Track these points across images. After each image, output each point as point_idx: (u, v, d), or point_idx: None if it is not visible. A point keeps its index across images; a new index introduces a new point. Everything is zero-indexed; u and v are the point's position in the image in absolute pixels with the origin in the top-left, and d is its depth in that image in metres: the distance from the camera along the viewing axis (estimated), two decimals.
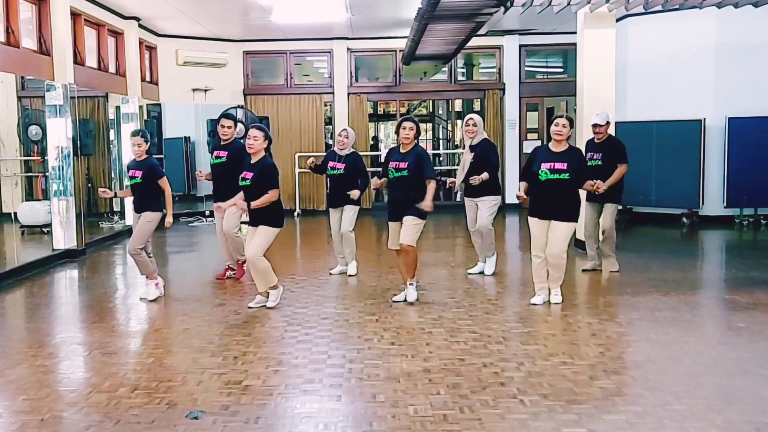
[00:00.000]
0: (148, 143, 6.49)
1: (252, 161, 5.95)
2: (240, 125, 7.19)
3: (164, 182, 6.46)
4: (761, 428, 3.49)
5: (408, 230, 6.02)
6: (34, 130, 10.53)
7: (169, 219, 6.51)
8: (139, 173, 6.40)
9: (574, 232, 6.23)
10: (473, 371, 4.35)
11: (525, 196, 6.00)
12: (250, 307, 6.04)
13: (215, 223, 7.54)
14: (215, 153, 7.17)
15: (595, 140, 7.20)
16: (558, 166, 5.73)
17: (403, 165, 6.05)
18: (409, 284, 6.19)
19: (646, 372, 4.37)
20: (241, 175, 5.95)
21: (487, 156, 6.96)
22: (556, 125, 5.82)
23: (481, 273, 7.30)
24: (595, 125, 7.16)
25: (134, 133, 6.60)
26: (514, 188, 13.72)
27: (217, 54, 13.60)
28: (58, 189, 8.93)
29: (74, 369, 4.72)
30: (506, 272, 7.59)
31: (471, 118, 7.12)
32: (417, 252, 6.22)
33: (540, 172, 5.77)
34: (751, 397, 3.90)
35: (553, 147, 5.85)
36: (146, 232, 6.41)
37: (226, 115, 7.67)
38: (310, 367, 4.54)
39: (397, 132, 6.19)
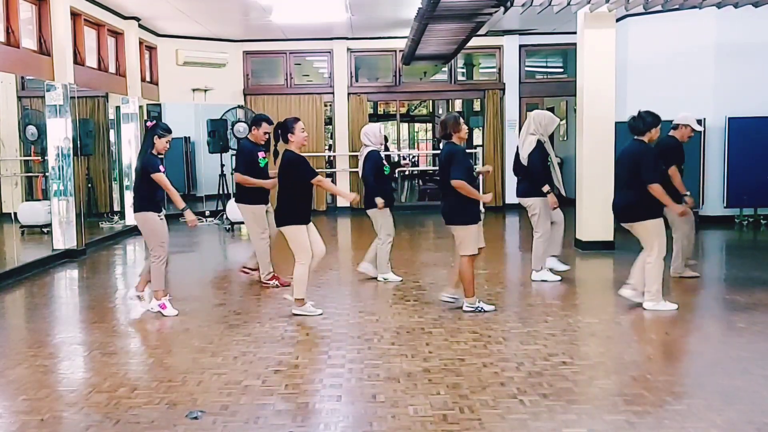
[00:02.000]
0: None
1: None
2: (243, 125, 7.12)
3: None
4: (761, 428, 3.49)
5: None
6: (30, 131, 10.52)
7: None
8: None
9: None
10: (473, 371, 4.35)
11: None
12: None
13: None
14: (261, 154, 7.00)
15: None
16: None
17: None
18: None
19: (646, 372, 4.37)
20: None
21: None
22: None
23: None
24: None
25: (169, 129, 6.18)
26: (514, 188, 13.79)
27: (217, 54, 13.59)
28: (58, 189, 8.92)
29: (74, 369, 4.72)
30: (506, 272, 7.59)
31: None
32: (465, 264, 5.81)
33: None
34: (751, 397, 3.89)
35: None
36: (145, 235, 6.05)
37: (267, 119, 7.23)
38: (310, 367, 4.54)
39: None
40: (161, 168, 5.92)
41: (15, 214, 10.05)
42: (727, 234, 10.36)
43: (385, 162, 7.00)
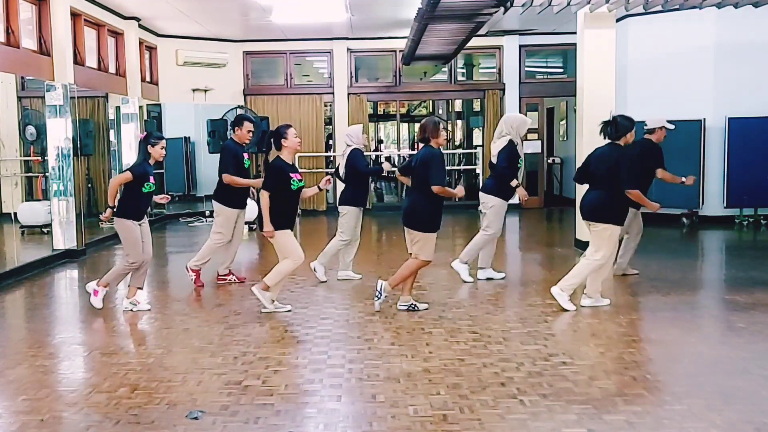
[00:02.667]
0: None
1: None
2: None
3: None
4: (761, 428, 3.49)
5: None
6: (29, 131, 10.53)
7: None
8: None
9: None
10: (473, 371, 4.35)
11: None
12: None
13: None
14: (245, 155, 7.05)
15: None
16: None
17: None
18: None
19: (646, 372, 4.37)
20: (298, 178, 5.83)
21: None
22: None
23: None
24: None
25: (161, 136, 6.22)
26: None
27: (217, 54, 13.60)
28: (58, 189, 8.92)
29: (74, 369, 4.72)
30: (506, 272, 7.58)
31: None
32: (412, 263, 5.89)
33: None
34: (751, 397, 3.90)
35: None
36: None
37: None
38: (310, 367, 4.54)
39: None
40: (151, 179, 5.99)
41: (15, 214, 10.06)
42: (727, 234, 10.36)
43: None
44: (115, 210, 5.94)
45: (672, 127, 7.00)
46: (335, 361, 4.63)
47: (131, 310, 6.09)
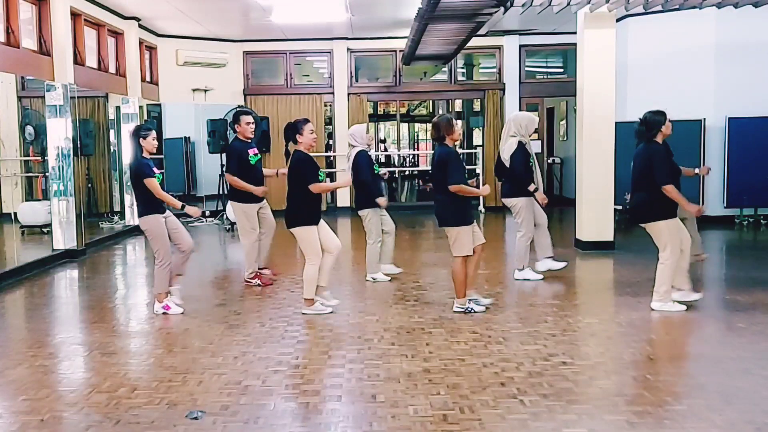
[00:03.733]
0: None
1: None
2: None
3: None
4: (761, 428, 3.49)
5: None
6: (27, 131, 10.54)
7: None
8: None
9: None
10: (473, 371, 4.35)
11: None
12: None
13: None
14: (252, 151, 7.01)
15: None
16: None
17: None
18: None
19: (646, 372, 4.37)
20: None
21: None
22: None
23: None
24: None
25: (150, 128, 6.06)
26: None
27: (217, 54, 13.60)
28: (58, 189, 8.92)
29: (74, 369, 4.72)
30: (506, 272, 7.59)
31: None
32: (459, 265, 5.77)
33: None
34: (751, 397, 3.89)
35: None
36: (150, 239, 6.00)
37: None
38: (310, 367, 4.54)
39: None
40: (155, 170, 5.87)
41: (15, 214, 10.06)
42: (727, 234, 10.36)
43: (375, 162, 7.06)
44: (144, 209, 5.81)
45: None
46: (335, 361, 4.63)
47: (164, 313, 5.91)
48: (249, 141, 7.02)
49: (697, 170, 6.75)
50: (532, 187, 6.77)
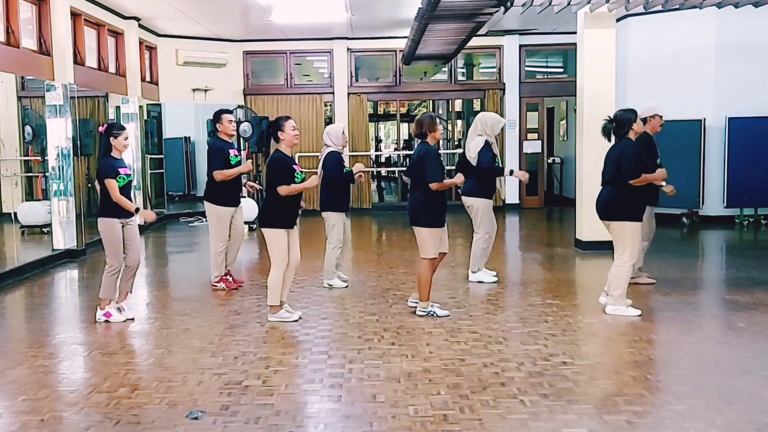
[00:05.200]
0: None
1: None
2: (245, 125, 7.08)
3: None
4: (761, 428, 3.49)
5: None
6: (26, 131, 10.54)
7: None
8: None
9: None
10: (473, 371, 4.35)
11: None
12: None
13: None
14: (233, 152, 6.97)
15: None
16: None
17: None
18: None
19: (646, 372, 4.37)
20: (300, 170, 5.67)
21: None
22: None
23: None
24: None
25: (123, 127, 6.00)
26: (514, 187, 13.82)
27: (217, 54, 13.60)
28: (58, 189, 8.93)
29: (74, 369, 4.72)
30: (506, 272, 7.59)
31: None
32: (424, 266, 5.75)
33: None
34: (751, 397, 3.89)
35: None
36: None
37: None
38: (310, 367, 4.54)
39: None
40: (122, 171, 5.74)
41: (15, 214, 10.06)
42: (727, 234, 10.36)
43: (345, 164, 6.91)
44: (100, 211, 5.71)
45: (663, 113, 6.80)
46: (335, 361, 4.63)
47: (106, 321, 5.72)
48: (230, 141, 7.01)
49: (665, 187, 6.34)
50: (507, 170, 6.82)
